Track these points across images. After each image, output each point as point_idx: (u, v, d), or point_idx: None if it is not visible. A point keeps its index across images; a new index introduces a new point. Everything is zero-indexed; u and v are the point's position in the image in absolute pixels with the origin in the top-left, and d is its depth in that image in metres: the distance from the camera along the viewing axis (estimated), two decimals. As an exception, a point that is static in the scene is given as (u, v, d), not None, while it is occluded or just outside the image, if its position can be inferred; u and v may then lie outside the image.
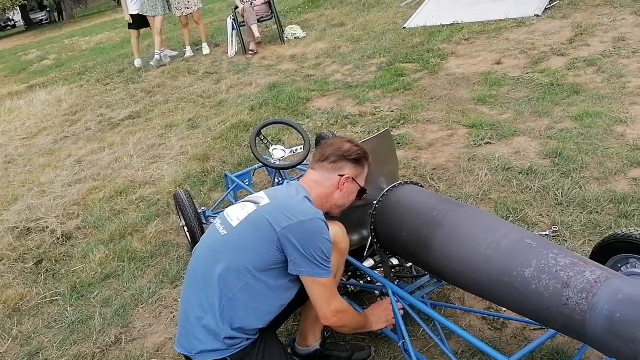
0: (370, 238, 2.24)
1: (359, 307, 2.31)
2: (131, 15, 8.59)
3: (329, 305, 1.83)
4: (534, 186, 3.17)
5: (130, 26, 8.85)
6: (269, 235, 1.77)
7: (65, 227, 4.02)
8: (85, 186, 4.70)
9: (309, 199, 1.93)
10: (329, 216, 1.95)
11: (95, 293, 3.12)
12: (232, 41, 8.44)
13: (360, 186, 2.08)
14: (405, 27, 7.59)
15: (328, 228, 1.84)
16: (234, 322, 1.77)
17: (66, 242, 3.83)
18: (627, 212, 2.75)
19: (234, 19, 8.25)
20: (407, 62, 6.09)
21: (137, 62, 9.02)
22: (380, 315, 2.12)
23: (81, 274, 3.35)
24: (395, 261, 2.39)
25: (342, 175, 2.01)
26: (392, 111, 4.81)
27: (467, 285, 1.82)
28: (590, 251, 2.05)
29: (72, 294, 3.15)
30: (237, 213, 1.91)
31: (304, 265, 1.76)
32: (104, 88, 8.29)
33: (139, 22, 8.67)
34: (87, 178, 4.90)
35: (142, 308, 2.91)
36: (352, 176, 2.04)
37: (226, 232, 1.88)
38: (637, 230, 1.86)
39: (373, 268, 2.35)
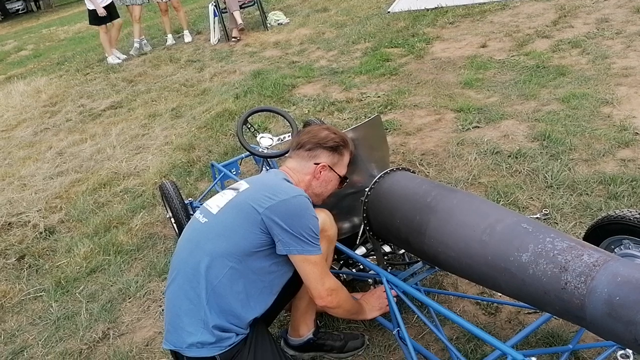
0: (363, 226, 2.20)
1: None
2: (89, 10, 7.97)
3: (323, 284, 1.81)
4: (524, 169, 3.16)
5: (96, 21, 8.05)
6: (252, 217, 1.74)
7: (48, 220, 3.92)
8: (68, 178, 4.60)
9: (288, 181, 1.91)
10: (315, 205, 1.91)
11: (81, 288, 3.05)
12: (214, 28, 8.31)
13: (338, 174, 2.04)
14: (389, 12, 7.54)
15: (312, 204, 1.81)
16: (222, 308, 1.73)
17: (49, 236, 3.73)
18: (617, 193, 2.75)
19: (215, 6, 8.12)
20: (392, 47, 6.04)
21: (111, 59, 8.38)
22: (374, 304, 2.10)
23: (65, 268, 3.27)
24: (387, 248, 2.37)
25: (318, 164, 1.98)
26: (379, 97, 4.77)
27: (462, 271, 1.79)
28: (583, 233, 2.04)
29: (56, 289, 3.08)
30: (216, 201, 1.88)
31: (293, 244, 1.74)
32: (84, 78, 8.10)
33: (100, 16, 7.92)
34: (69, 170, 4.79)
35: (129, 302, 2.85)
36: (329, 164, 2.00)
37: (206, 220, 1.85)
38: (630, 212, 1.85)
39: (365, 256, 2.32)
